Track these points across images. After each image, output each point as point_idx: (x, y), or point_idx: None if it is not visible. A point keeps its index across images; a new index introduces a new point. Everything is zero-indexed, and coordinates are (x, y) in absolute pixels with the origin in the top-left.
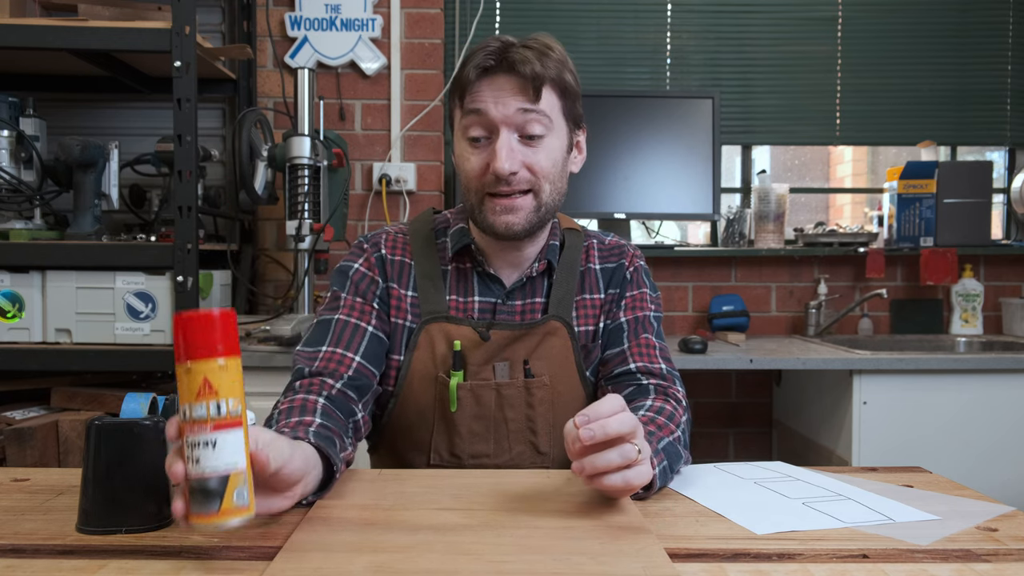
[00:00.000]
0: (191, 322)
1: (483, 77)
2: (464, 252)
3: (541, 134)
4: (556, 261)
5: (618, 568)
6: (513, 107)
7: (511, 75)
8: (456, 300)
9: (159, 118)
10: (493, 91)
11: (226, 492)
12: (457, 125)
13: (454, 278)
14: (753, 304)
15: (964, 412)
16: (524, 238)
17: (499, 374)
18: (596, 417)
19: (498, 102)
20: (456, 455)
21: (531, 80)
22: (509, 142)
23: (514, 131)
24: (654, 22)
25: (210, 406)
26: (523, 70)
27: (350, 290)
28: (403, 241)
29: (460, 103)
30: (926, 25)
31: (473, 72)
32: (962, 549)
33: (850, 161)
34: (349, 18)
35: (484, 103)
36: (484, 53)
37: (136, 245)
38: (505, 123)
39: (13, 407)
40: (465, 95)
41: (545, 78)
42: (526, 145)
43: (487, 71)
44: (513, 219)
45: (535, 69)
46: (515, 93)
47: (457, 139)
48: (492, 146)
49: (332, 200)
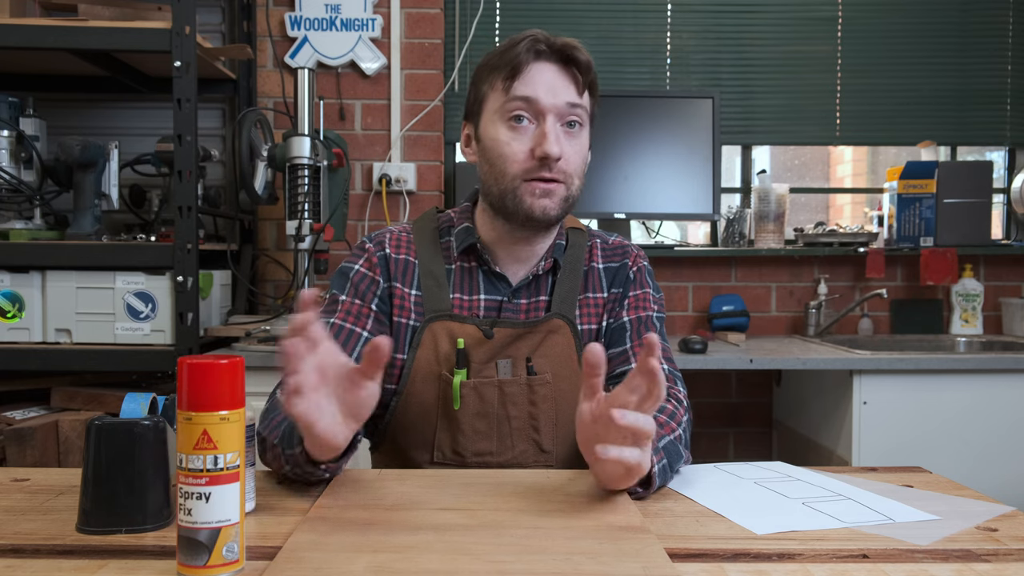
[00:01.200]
0: (195, 371)
1: (536, 60)
2: (469, 251)
3: (580, 126)
4: (562, 260)
5: (618, 568)
6: (563, 98)
7: (564, 65)
8: (461, 298)
9: (159, 118)
10: (546, 79)
11: (215, 546)
12: (494, 107)
13: (458, 276)
14: (753, 304)
15: (964, 412)
16: (550, 227)
17: (502, 371)
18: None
19: (550, 90)
20: (459, 453)
21: (585, 74)
22: (556, 128)
23: (558, 119)
24: (654, 22)
25: (207, 459)
26: (579, 57)
27: (349, 292)
28: (407, 240)
29: (505, 85)
30: (926, 25)
31: (529, 56)
32: (962, 549)
33: (850, 161)
34: (349, 18)
35: (536, 89)
36: (531, 39)
37: (136, 245)
38: (554, 110)
39: (13, 407)
40: (516, 77)
41: (592, 74)
42: (567, 135)
43: (540, 54)
44: (550, 203)
45: (588, 60)
46: (567, 84)
47: (492, 122)
48: (538, 131)
49: (332, 200)
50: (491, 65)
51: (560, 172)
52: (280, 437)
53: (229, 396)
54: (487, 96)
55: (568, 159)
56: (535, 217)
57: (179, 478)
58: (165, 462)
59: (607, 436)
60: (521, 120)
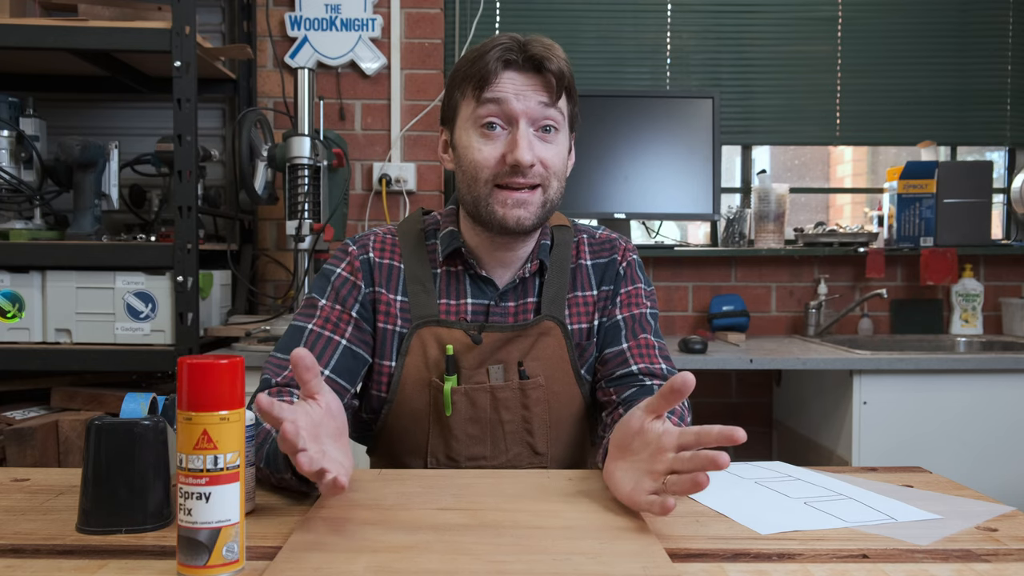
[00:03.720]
0: (195, 371)
1: (506, 69)
2: (455, 255)
3: (555, 130)
4: (548, 260)
5: (618, 568)
6: (534, 101)
7: (534, 72)
8: (447, 303)
9: (159, 118)
10: (516, 84)
11: (215, 546)
12: (466, 115)
13: (444, 281)
14: (753, 304)
15: (964, 412)
16: (529, 234)
17: (493, 376)
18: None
19: (519, 95)
20: (453, 458)
21: (556, 78)
22: (528, 133)
23: (531, 124)
24: (654, 22)
25: (207, 459)
26: (550, 67)
27: (330, 296)
28: (392, 243)
29: (475, 92)
30: (926, 25)
31: (498, 64)
32: (962, 549)
33: (850, 161)
34: (349, 18)
35: (506, 94)
36: (502, 47)
37: (136, 245)
38: (526, 115)
39: (13, 407)
40: (486, 85)
41: (565, 79)
42: (541, 139)
43: (510, 64)
44: (524, 213)
45: (561, 68)
46: (538, 89)
47: (464, 128)
48: (508, 137)
49: (332, 200)
50: (463, 73)
51: (537, 176)
52: (266, 460)
53: (229, 396)
54: (459, 104)
55: (545, 163)
56: (509, 227)
57: (179, 478)
58: (165, 462)
59: (650, 462)
60: (493, 127)
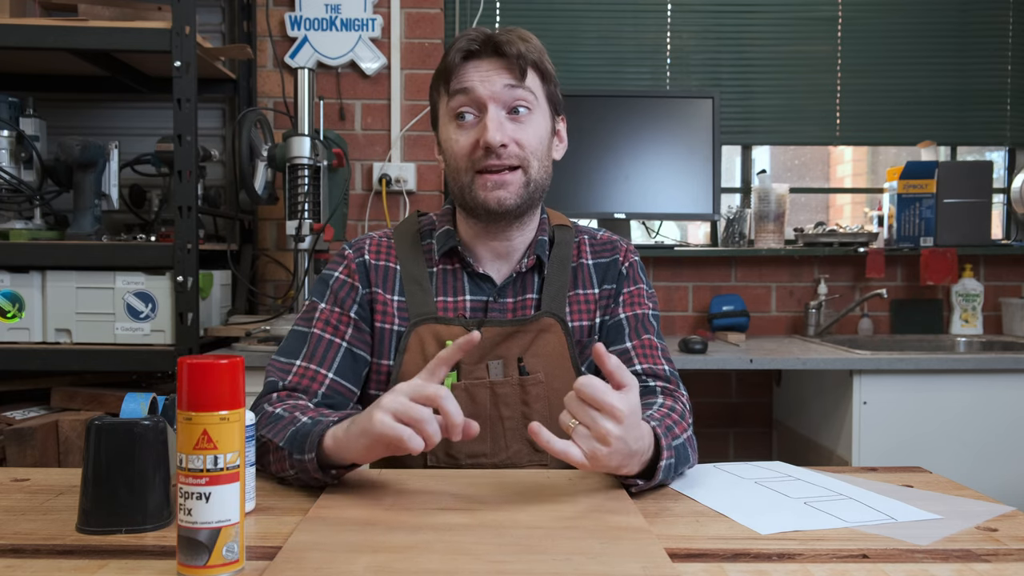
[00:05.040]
0: (195, 371)
1: (468, 60)
2: (452, 253)
3: (528, 110)
4: (546, 257)
5: (618, 568)
6: (500, 84)
7: (496, 57)
8: (445, 301)
9: (159, 118)
10: (480, 72)
11: (215, 546)
12: (443, 111)
13: (441, 279)
14: (753, 304)
15: (964, 412)
16: (515, 216)
17: (493, 372)
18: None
19: (484, 80)
20: (453, 455)
21: (516, 59)
22: (498, 116)
23: (502, 107)
24: (654, 22)
25: (207, 459)
26: (509, 51)
27: (329, 299)
28: (387, 245)
29: (445, 88)
30: (926, 25)
31: (457, 56)
32: (962, 549)
33: (850, 161)
34: (349, 18)
35: (471, 82)
36: (466, 39)
37: (136, 245)
38: (493, 99)
39: (13, 407)
40: (451, 78)
41: (528, 59)
42: (513, 121)
43: (472, 54)
44: (505, 194)
45: (520, 49)
46: (501, 72)
47: (443, 125)
48: (480, 123)
49: (332, 200)
50: (436, 72)
51: (514, 157)
52: (288, 440)
53: (229, 396)
54: (439, 103)
55: (521, 143)
56: (492, 209)
57: (179, 478)
58: (165, 462)
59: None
60: (464, 117)
